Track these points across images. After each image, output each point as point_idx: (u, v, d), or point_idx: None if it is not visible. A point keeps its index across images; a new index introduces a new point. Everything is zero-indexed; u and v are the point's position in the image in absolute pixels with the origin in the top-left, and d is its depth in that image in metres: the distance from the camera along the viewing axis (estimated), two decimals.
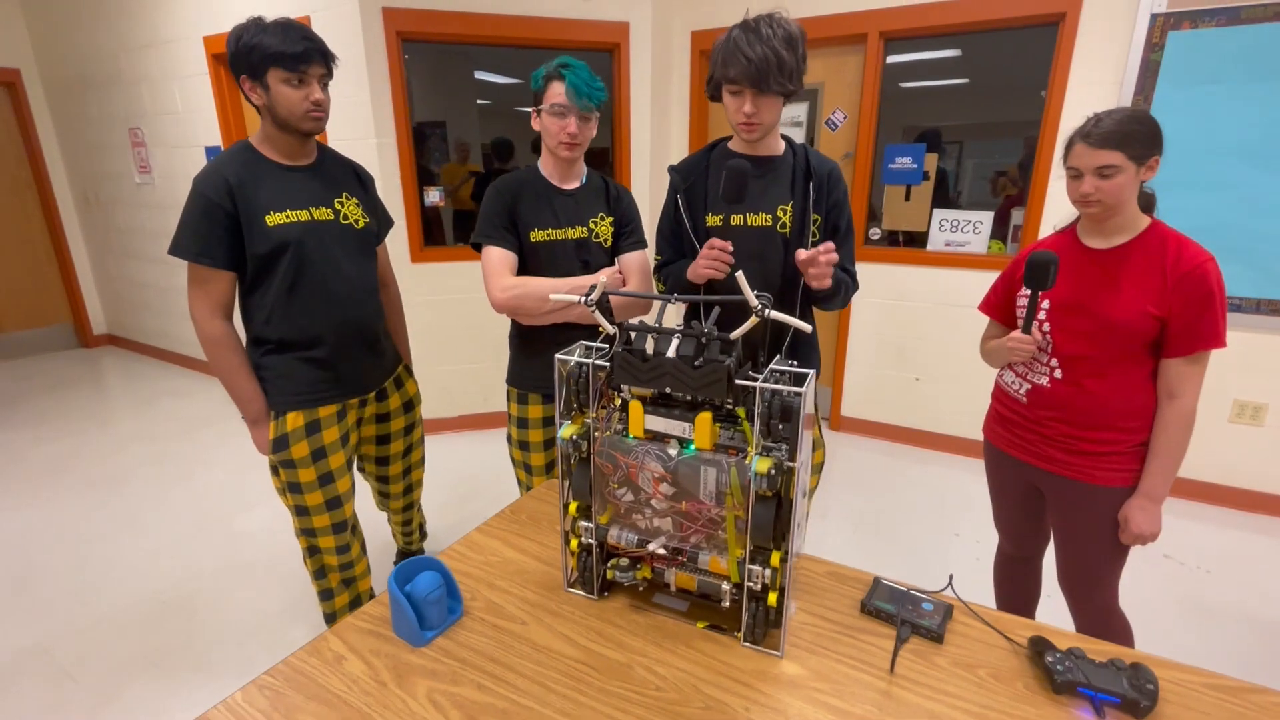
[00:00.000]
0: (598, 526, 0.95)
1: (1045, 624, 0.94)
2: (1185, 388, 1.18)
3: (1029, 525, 1.48)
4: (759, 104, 1.25)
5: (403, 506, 1.91)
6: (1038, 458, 1.34)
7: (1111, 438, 1.24)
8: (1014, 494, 1.46)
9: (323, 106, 1.35)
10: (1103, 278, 1.21)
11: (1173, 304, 1.15)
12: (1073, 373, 1.26)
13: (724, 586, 0.89)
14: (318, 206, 1.41)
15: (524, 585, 1.02)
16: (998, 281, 1.46)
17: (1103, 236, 1.23)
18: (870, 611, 0.95)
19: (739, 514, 0.84)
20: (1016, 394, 1.37)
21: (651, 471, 0.87)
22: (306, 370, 1.44)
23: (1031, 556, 1.53)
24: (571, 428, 0.91)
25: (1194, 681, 0.83)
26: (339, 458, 1.50)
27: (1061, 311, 1.25)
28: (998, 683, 0.83)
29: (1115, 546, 1.28)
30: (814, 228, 1.35)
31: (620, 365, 0.85)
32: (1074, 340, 1.25)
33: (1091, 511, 1.28)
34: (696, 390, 0.81)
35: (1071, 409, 1.26)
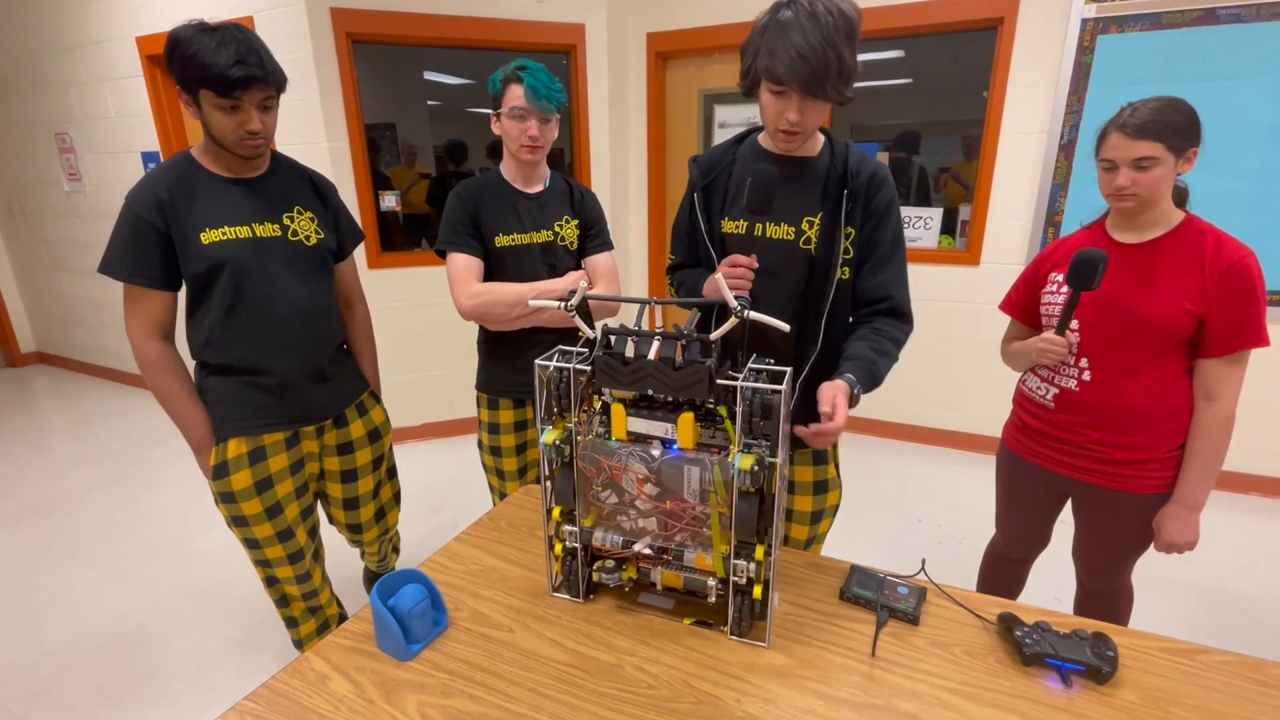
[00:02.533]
0: (582, 530, 0.95)
1: (1011, 601, 0.99)
2: (1225, 389, 1.14)
3: (1036, 532, 1.47)
4: (806, 110, 1.01)
5: (375, 536, 1.75)
6: (1067, 468, 1.29)
7: (1146, 443, 1.20)
8: (1030, 502, 1.43)
9: (260, 134, 1.22)
10: (1136, 273, 1.15)
11: (1212, 301, 1.10)
12: (1104, 374, 1.20)
13: (710, 582, 0.90)
14: (261, 222, 1.29)
15: (508, 592, 1.02)
16: (1020, 279, 1.40)
17: (1135, 231, 1.18)
18: (849, 598, 0.99)
19: (723, 510, 0.86)
20: (1043, 399, 1.30)
21: (635, 473, 0.88)
22: (250, 395, 1.34)
23: (1027, 559, 1.55)
24: (553, 433, 0.91)
25: (1149, 647, 0.89)
26: (286, 486, 1.40)
27: (1091, 309, 1.18)
28: (971, 659, 0.87)
29: (1143, 545, 1.28)
30: (846, 243, 1.12)
31: (602, 369, 0.85)
32: (1105, 340, 1.19)
33: (1123, 518, 1.26)
34: (678, 391, 0.83)
35: (1104, 413, 1.22)
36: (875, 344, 1.10)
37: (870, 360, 1.07)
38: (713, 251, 1.19)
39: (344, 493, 1.58)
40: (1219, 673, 0.84)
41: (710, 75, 3.29)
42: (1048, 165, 2.61)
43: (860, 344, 1.10)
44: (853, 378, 1.03)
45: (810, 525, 1.33)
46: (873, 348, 1.09)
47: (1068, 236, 1.34)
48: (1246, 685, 0.82)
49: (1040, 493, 1.40)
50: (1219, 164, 2.38)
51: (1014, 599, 1.61)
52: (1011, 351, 1.39)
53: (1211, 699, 0.80)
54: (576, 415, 0.91)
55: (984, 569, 1.62)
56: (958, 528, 2.40)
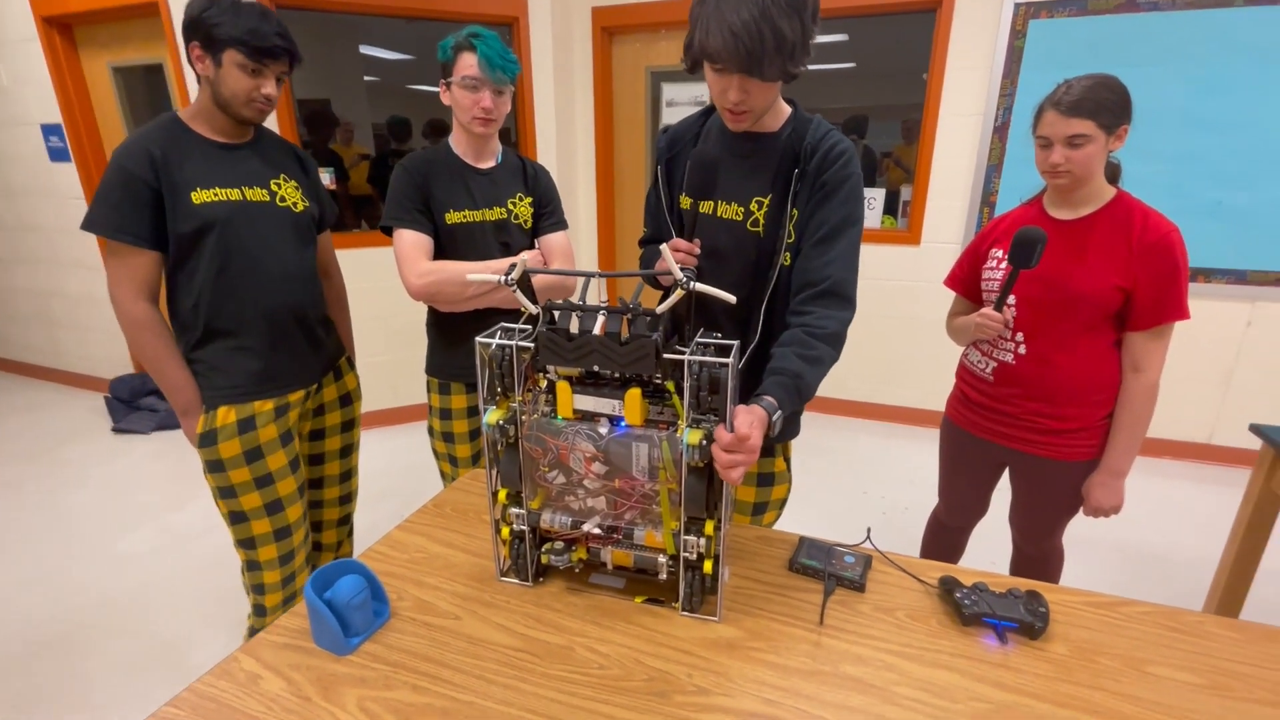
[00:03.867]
0: (529, 512, 0.93)
1: (951, 565, 1.02)
2: (1150, 361, 1.19)
3: (977, 501, 1.53)
4: (749, 89, 0.95)
5: (338, 519, 1.72)
6: (1005, 438, 1.34)
7: (1077, 413, 1.25)
8: (972, 473, 1.48)
9: (272, 101, 1.29)
10: (1069, 250, 1.18)
11: (1139, 276, 1.14)
12: (1038, 347, 1.24)
13: (660, 559, 0.90)
14: (251, 186, 1.32)
15: (454, 579, 0.99)
16: (963, 255, 1.43)
17: (1069, 208, 1.22)
18: (798, 569, 1.00)
19: (672, 487, 0.85)
20: (983, 373, 1.35)
21: (582, 452, 0.86)
22: (239, 362, 1.34)
23: (967, 527, 1.61)
24: (497, 413, 0.88)
25: (1076, 601, 0.93)
26: (279, 458, 1.39)
27: (1027, 284, 1.21)
28: (914, 622, 0.90)
29: (1073, 510, 1.35)
30: (790, 225, 1.05)
31: (545, 345, 0.82)
32: (1040, 314, 1.23)
33: (1055, 485, 1.33)
34: (625, 367, 0.81)
35: (1038, 385, 1.26)
36: (805, 349, 0.96)
37: (796, 375, 0.93)
38: (672, 228, 1.16)
39: (310, 449, 1.59)
40: (1139, 623, 0.89)
41: (657, 52, 3.25)
42: (983, 147, 2.69)
43: (787, 352, 0.96)
44: (773, 402, 0.89)
45: (752, 517, 1.31)
46: (801, 354, 0.95)
47: (1008, 213, 1.38)
48: (1164, 633, 0.87)
49: (980, 463, 1.45)
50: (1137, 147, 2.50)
51: (955, 564, 1.69)
52: (955, 326, 1.43)
53: (1134, 647, 0.85)
54: (520, 394, 0.88)
55: (927, 537, 1.68)
56: (901, 499, 2.49)
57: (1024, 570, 1.51)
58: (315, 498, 1.66)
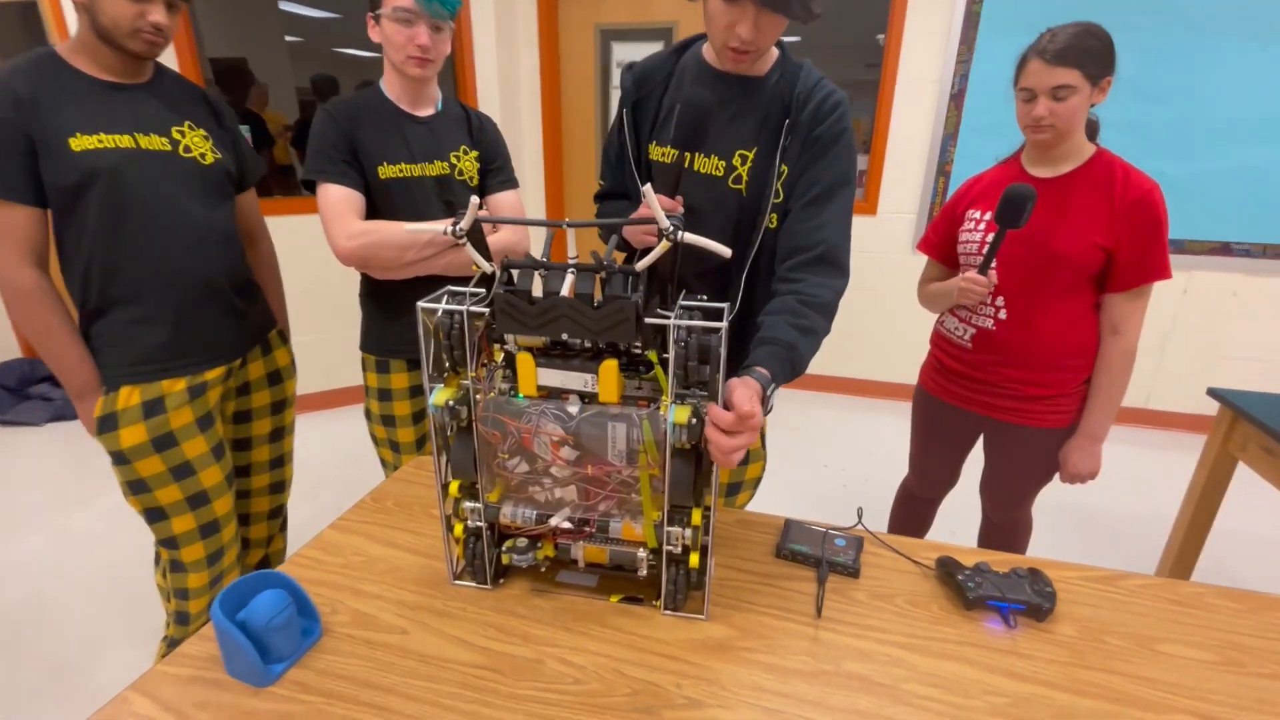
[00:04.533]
0: (486, 506, 0.80)
1: (945, 543, 0.96)
2: (1129, 324, 1.16)
3: (949, 472, 1.49)
4: (764, 25, 0.85)
5: (268, 511, 1.54)
6: (982, 405, 1.30)
7: (1055, 379, 1.22)
8: (946, 443, 1.44)
9: (163, 32, 1.09)
10: (1050, 208, 1.13)
11: (1121, 235, 1.10)
12: (1019, 311, 1.20)
13: (640, 554, 0.79)
14: (146, 133, 1.13)
15: (399, 586, 0.85)
16: (937, 218, 1.37)
17: (1049, 165, 1.17)
18: (786, 555, 0.91)
19: (654, 472, 0.74)
20: (960, 340, 1.29)
21: (549, 435, 0.74)
22: (143, 335, 1.16)
23: (937, 498, 1.58)
24: (445, 392, 0.74)
25: (1073, 577, 0.89)
26: (198, 445, 1.22)
27: (1007, 246, 1.16)
28: (914, 608, 0.83)
29: (1047, 478, 1.32)
30: (778, 184, 0.96)
31: (503, 310, 0.69)
32: (1020, 276, 1.18)
33: (1030, 453, 1.29)
34: (599, 334, 0.69)
35: (1017, 350, 1.22)
36: (798, 319, 0.87)
37: (789, 345, 0.84)
38: (638, 179, 1.03)
39: (235, 432, 1.41)
40: (1140, 597, 0.85)
41: (608, 9, 3.07)
42: (939, 115, 2.66)
43: (779, 321, 0.87)
44: (766, 374, 0.79)
45: (725, 498, 1.23)
46: (794, 324, 0.86)
47: (983, 173, 1.32)
48: (1166, 606, 0.84)
49: (955, 432, 1.42)
50: None
51: (923, 537, 1.67)
52: (930, 293, 1.37)
53: (1140, 624, 0.80)
54: (474, 369, 0.74)
55: (896, 509, 1.64)
56: (861, 472, 2.48)
57: (992, 540, 1.50)
58: (242, 487, 1.47)
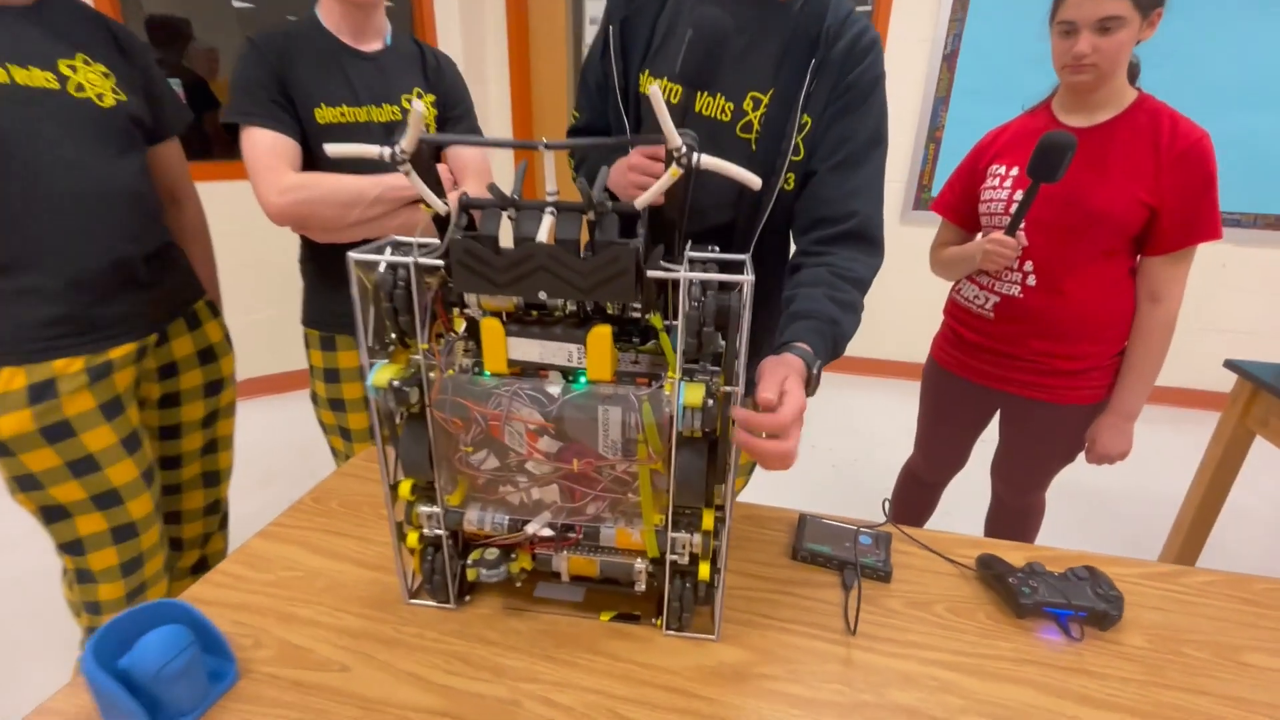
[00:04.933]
0: (447, 511, 0.65)
1: (977, 536, 0.85)
2: (1171, 289, 1.05)
3: (958, 453, 1.38)
4: None
5: (203, 506, 1.35)
6: (1002, 381, 1.19)
7: (1088, 351, 1.11)
8: (960, 422, 1.33)
9: None
10: (1088, 161, 1.02)
11: (1167, 190, 0.99)
12: (1049, 277, 1.08)
13: (637, 566, 0.65)
14: (24, 65, 0.93)
15: (341, 608, 0.70)
16: (954, 176, 1.24)
17: (1086, 112, 1.05)
18: (804, 557, 0.78)
19: (656, 467, 0.59)
20: (981, 309, 1.18)
21: (524, 422, 0.58)
22: (27, 308, 0.98)
23: (942, 482, 1.47)
24: (389, 370, 0.58)
25: (1132, 574, 0.78)
26: (103, 435, 1.04)
27: (1038, 205, 1.04)
28: (958, 618, 0.71)
29: (1070, 458, 1.22)
30: (798, 138, 0.79)
31: (462, 263, 0.53)
32: (1052, 238, 1.06)
33: (1055, 431, 1.19)
34: (587, 293, 0.53)
35: (1047, 320, 1.10)
36: (835, 291, 0.73)
37: (831, 319, 0.71)
38: (625, 117, 0.86)
39: (161, 419, 1.21)
40: (1209, 596, 0.75)
41: None
42: (931, 77, 2.53)
43: (815, 292, 0.73)
44: (809, 350, 0.66)
45: None
46: (832, 297, 0.73)
47: (1007, 124, 1.20)
48: (1239, 607, 0.73)
49: (970, 410, 1.31)
50: None
51: (923, 524, 1.57)
52: (946, 258, 1.24)
53: (1216, 630, 0.70)
54: (426, 340, 0.58)
55: (898, 493, 1.54)
56: (849, 452, 2.38)
57: (1003, 525, 1.40)
58: (171, 480, 1.28)
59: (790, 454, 0.56)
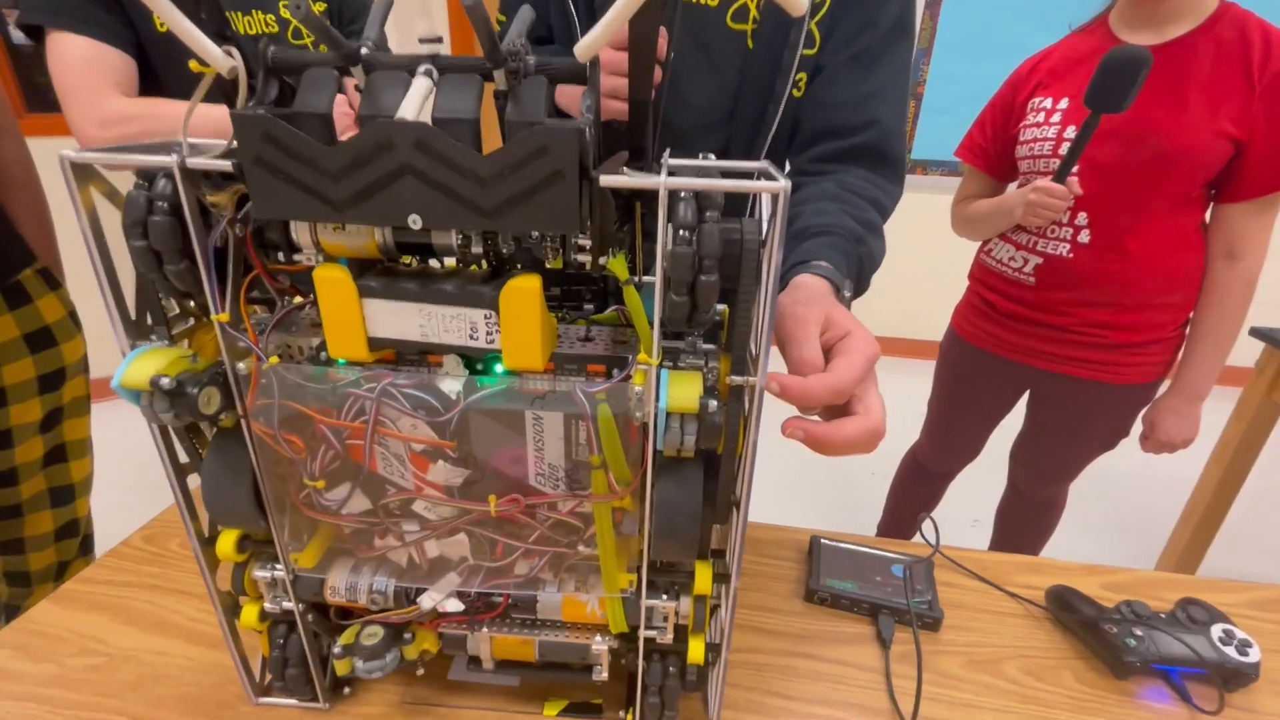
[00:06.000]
0: (295, 579, 0.41)
1: (1029, 557, 0.66)
2: (1252, 244, 0.88)
3: (977, 438, 1.21)
4: None
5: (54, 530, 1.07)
6: (1042, 357, 1.01)
7: (1149, 321, 0.94)
8: (982, 403, 1.15)
9: None
10: (1158, 87, 0.84)
11: (1259, 119, 0.81)
12: (1107, 232, 0.90)
13: (595, 645, 0.43)
14: None
15: (155, 714, 0.46)
16: (983, 115, 1.03)
17: (1154, 26, 0.86)
18: (824, 600, 0.58)
19: (622, 504, 0.37)
20: (1018, 273, 1.00)
21: (404, 440, 0.36)
22: None
23: (952, 472, 1.29)
24: (152, 359, 0.34)
25: (1235, 602, 0.60)
26: None
27: (1095, 143, 0.86)
28: (1039, 681, 0.52)
29: (1110, 445, 1.05)
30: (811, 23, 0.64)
31: (264, 162, 0.29)
32: (1111, 183, 0.88)
33: (1099, 415, 1.02)
34: (493, 216, 0.30)
35: (1101, 284, 0.92)
36: (851, 209, 0.57)
37: (854, 237, 0.54)
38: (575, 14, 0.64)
39: None
40: None
41: None
42: None
43: (826, 206, 0.57)
44: (831, 268, 0.50)
45: None
46: (850, 214, 0.56)
47: (1052, 47, 0.99)
48: None
49: (997, 390, 1.13)
50: None
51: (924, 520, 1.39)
52: (975, 214, 1.04)
53: None
54: (223, 306, 0.34)
55: (900, 484, 1.36)
56: None
57: (1017, 520, 1.24)
58: (7, 501, 1.01)
59: (880, 429, 0.40)
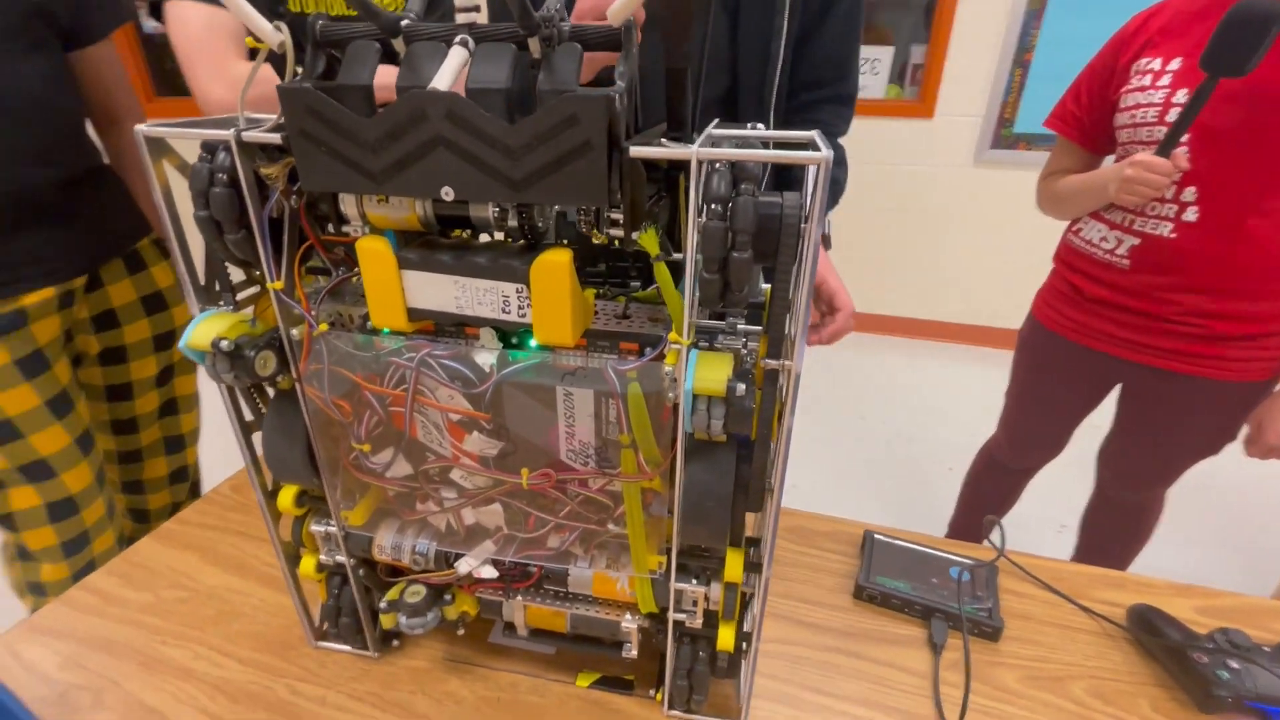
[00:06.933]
0: (347, 535, 0.44)
1: (1120, 573, 0.60)
2: None
3: (1057, 434, 1.12)
4: None
5: (168, 475, 1.20)
6: (1135, 349, 0.92)
7: (1263, 311, 0.84)
8: (1065, 396, 1.06)
9: None
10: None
11: None
12: (1220, 209, 0.81)
13: (625, 624, 0.43)
14: None
15: (227, 650, 0.51)
16: (1080, 80, 0.94)
17: None
18: (873, 597, 0.56)
19: (652, 486, 0.37)
20: (1111, 254, 0.91)
21: (441, 410, 0.37)
22: None
23: (1032, 469, 1.20)
24: (216, 322, 0.37)
25: None
26: (23, 396, 0.90)
27: (1211, 109, 0.76)
28: (1108, 706, 0.47)
29: (1215, 449, 0.96)
30: None
31: (307, 133, 0.30)
32: (1229, 154, 0.79)
33: (1202, 414, 0.93)
34: (519, 188, 0.30)
35: (1210, 269, 0.83)
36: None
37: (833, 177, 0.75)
38: None
39: (107, 378, 1.04)
40: None
41: None
42: None
43: None
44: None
45: None
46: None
47: (1163, 3, 0.87)
48: None
49: (1082, 382, 1.04)
50: None
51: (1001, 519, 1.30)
52: (1063, 191, 0.95)
53: None
54: (279, 275, 0.36)
55: (973, 480, 1.28)
56: (905, 427, 2.11)
57: (1104, 527, 1.14)
58: (129, 446, 1.13)
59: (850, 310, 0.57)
